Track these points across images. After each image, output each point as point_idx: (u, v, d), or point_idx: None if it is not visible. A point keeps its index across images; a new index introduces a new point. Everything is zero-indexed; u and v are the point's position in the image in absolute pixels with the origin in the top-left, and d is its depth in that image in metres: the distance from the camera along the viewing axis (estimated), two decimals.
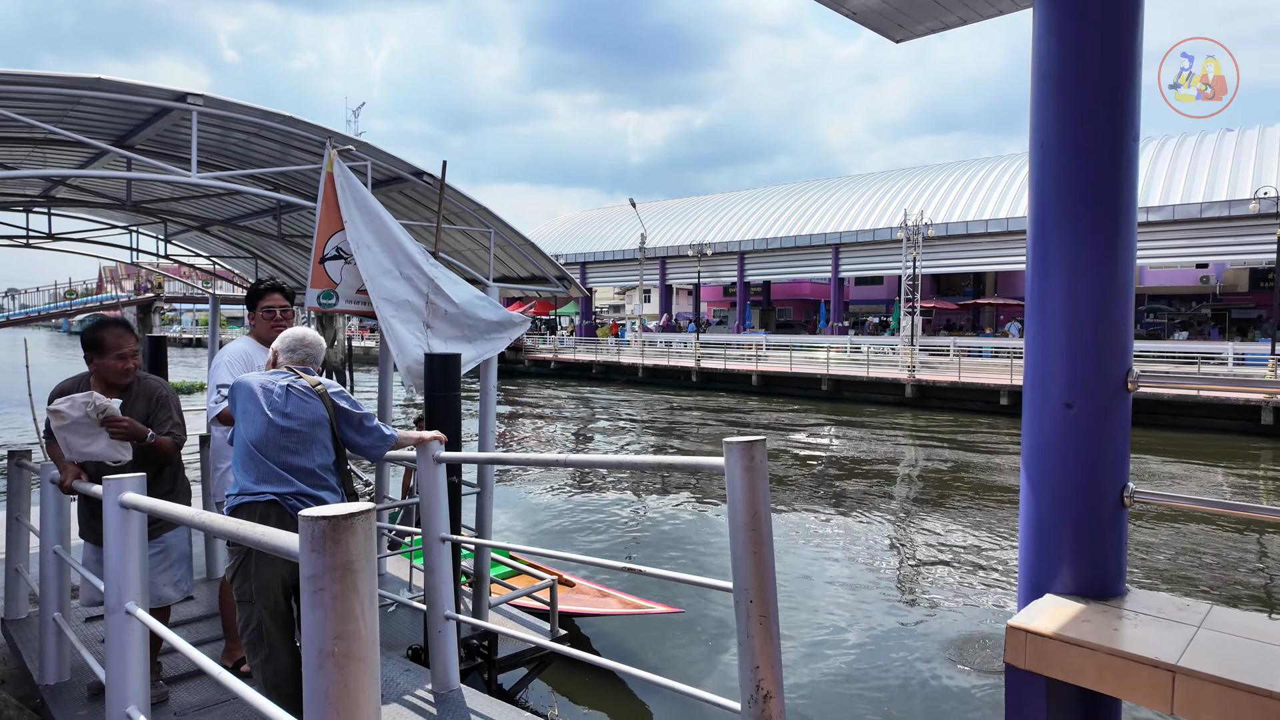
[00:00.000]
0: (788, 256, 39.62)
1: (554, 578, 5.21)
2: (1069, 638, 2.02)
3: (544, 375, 35.87)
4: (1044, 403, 2.38)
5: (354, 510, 1.30)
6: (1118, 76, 2.37)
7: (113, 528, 2.41)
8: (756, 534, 2.17)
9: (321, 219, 4.60)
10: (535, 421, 21.97)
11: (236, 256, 9.05)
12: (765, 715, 2.10)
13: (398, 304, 4.83)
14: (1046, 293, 2.41)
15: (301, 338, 3.08)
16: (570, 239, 50.40)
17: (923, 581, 8.31)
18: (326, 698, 1.26)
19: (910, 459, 15.76)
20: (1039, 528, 2.38)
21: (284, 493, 2.81)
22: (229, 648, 3.76)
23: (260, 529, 1.55)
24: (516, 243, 5.97)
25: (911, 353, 25.27)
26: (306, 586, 1.28)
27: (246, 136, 5.53)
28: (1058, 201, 2.40)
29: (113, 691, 2.40)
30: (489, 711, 2.99)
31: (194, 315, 72.55)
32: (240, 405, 2.91)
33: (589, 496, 12.07)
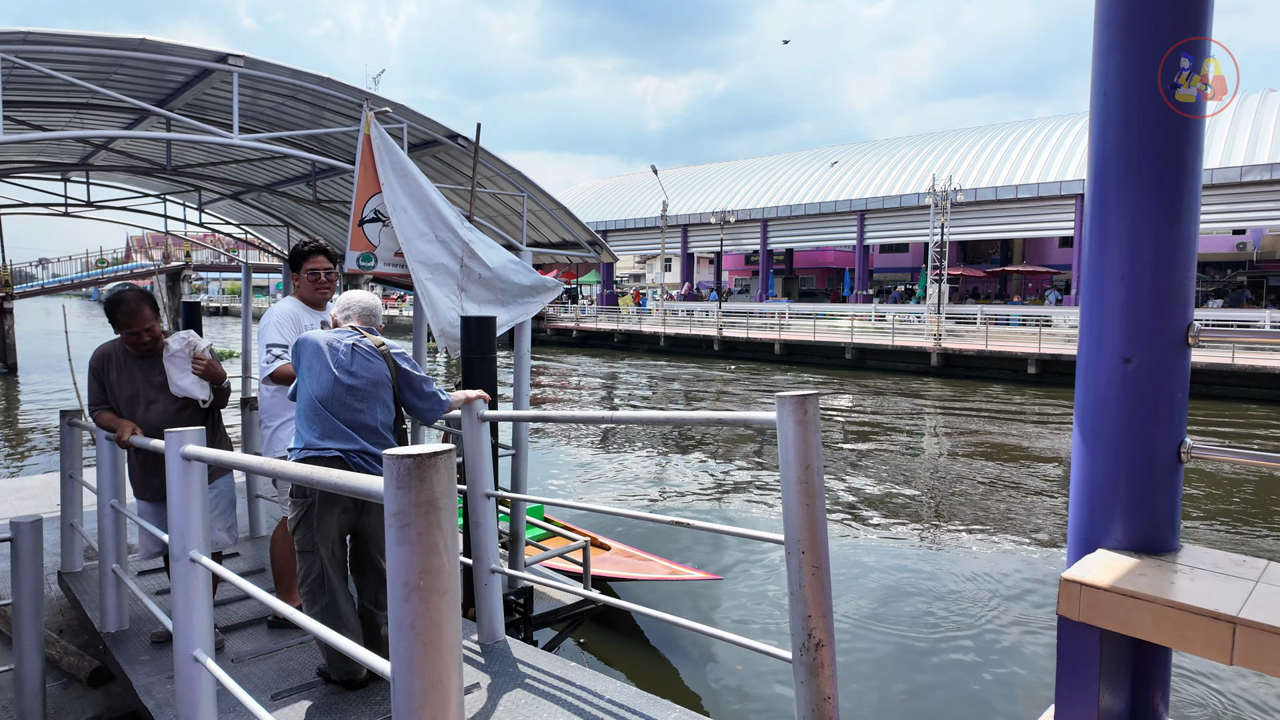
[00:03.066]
0: (811, 223, 39.13)
1: (586, 539, 5.29)
2: (1124, 590, 2.02)
3: (565, 344, 35.99)
4: (1100, 358, 2.36)
5: (437, 449, 1.33)
6: (1186, 24, 2.30)
7: (175, 479, 2.48)
8: (809, 487, 2.19)
9: (360, 182, 4.62)
10: (558, 390, 22.11)
11: (268, 225, 9.12)
12: (817, 663, 2.13)
13: (433, 267, 4.86)
14: (1105, 245, 2.37)
15: (361, 299, 3.16)
16: (590, 207, 50.11)
17: (958, 541, 8.33)
18: (413, 629, 1.30)
19: (936, 427, 15.68)
20: (1092, 483, 2.37)
21: (348, 449, 2.87)
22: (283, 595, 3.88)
23: (338, 472, 1.59)
24: (549, 207, 5.96)
25: (937, 321, 24.99)
26: (392, 523, 1.31)
27: (280, 100, 5.55)
28: (1119, 151, 2.34)
29: (180, 636, 2.49)
30: (536, 661, 3.07)
31: (220, 284, 73.48)
32: (305, 362, 2.95)
33: (619, 461, 12.18)
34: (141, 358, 3.53)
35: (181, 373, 3.49)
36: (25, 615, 3.16)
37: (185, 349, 3.49)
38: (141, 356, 3.53)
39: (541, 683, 2.87)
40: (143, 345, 3.48)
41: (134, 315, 3.44)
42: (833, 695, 2.14)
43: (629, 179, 53.55)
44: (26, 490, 7.59)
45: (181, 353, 3.49)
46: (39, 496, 7.26)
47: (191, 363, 3.48)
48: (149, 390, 3.50)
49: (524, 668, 3.00)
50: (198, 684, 2.43)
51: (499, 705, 2.72)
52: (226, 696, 2.59)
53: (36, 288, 33.56)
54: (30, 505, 6.95)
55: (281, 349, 3.49)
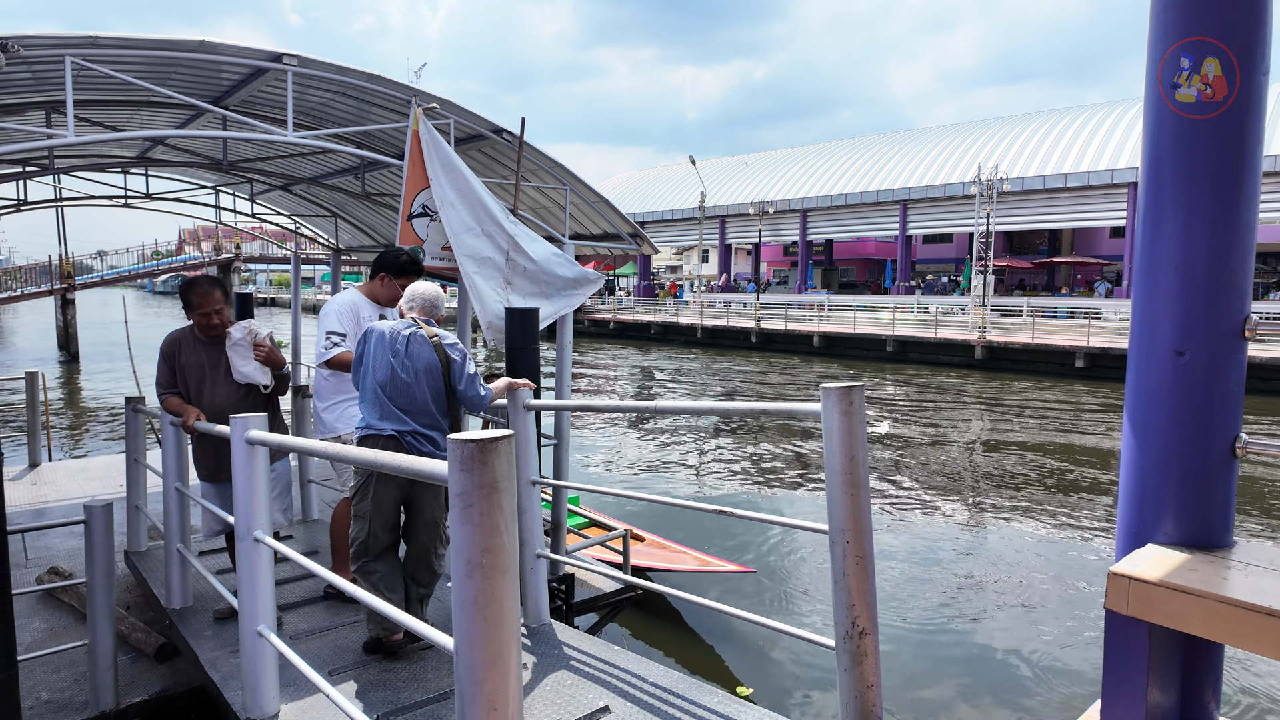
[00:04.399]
0: (852, 214, 38.58)
1: (625, 529, 5.36)
2: (1175, 584, 2.01)
3: (602, 335, 36.14)
4: (1152, 350, 2.32)
5: (498, 435, 1.39)
6: (1246, 5, 2.24)
7: (240, 462, 2.60)
8: (853, 477, 2.21)
9: (409, 177, 4.73)
10: (596, 380, 22.26)
11: (316, 215, 9.36)
12: (861, 651, 2.16)
13: (480, 260, 4.96)
14: (1159, 236, 2.33)
15: (424, 291, 3.41)
16: (627, 199, 50.11)
17: (1000, 534, 8.22)
18: (475, 604, 1.37)
19: (980, 420, 15.42)
20: (1143, 478, 2.35)
21: (402, 430, 3.14)
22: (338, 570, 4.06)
23: (402, 456, 1.67)
24: (590, 199, 6.02)
25: (982, 313, 24.50)
26: (456, 503, 1.38)
27: (328, 96, 5.69)
28: (1174, 141, 2.30)
29: (245, 612, 2.62)
30: (581, 644, 3.14)
31: (268, 276, 75.37)
32: (370, 350, 3.21)
33: (657, 451, 12.24)
34: (210, 343, 3.70)
35: (244, 360, 3.65)
36: (98, 593, 3.34)
37: (247, 337, 3.65)
38: (210, 342, 3.70)
39: (586, 664, 2.95)
40: (212, 328, 3.66)
41: (206, 297, 3.66)
42: (875, 683, 2.17)
43: (666, 170, 53.44)
44: (91, 471, 7.94)
45: (243, 341, 3.65)
46: (104, 477, 7.60)
47: (253, 350, 3.64)
48: (215, 375, 3.67)
49: (569, 649, 3.08)
50: (262, 658, 2.56)
51: (546, 685, 2.80)
52: (287, 670, 2.71)
53: (95, 279, 34.87)
54: (95, 486, 7.28)
55: (340, 337, 3.66)
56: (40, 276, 29.42)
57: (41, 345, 30.54)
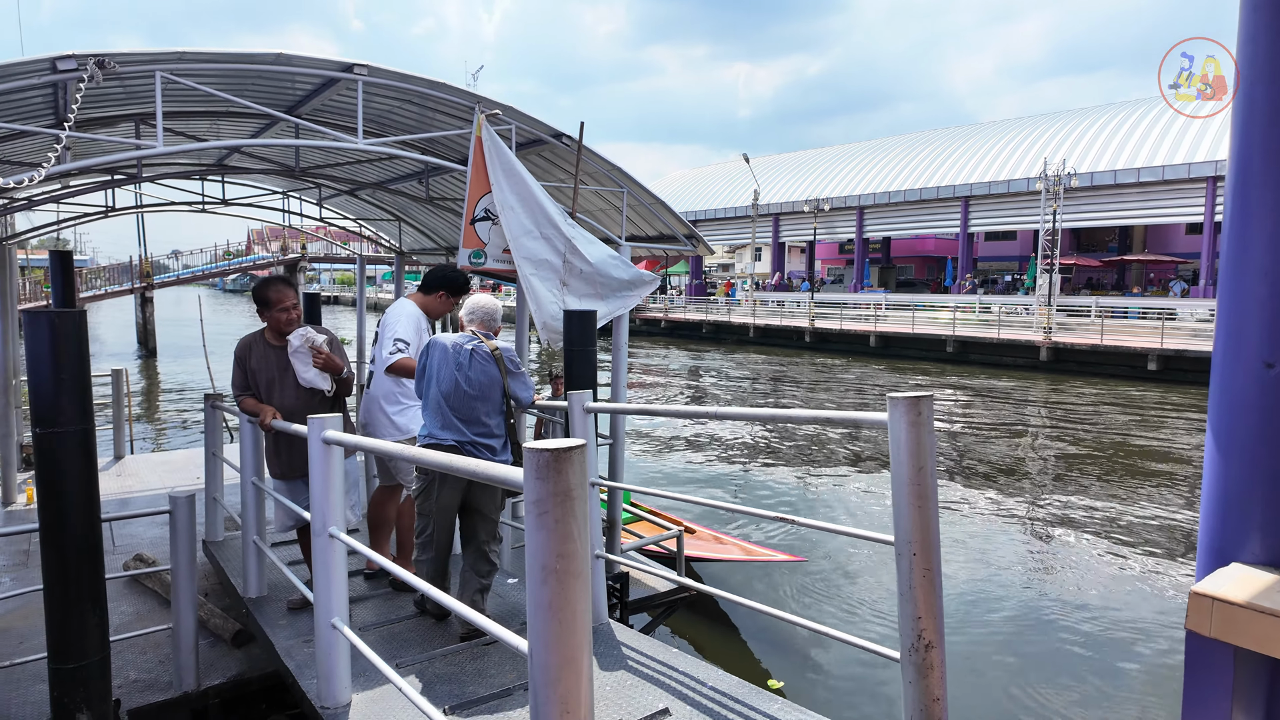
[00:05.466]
0: (911, 210, 37.73)
1: (680, 527, 5.38)
2: (1263, 607, 1.93)
3: (654, 334, 36.21)
4: (1238, 361, 2.23)
5: (571, 444, 1.43)
6: None
7: (317, 461, 2.72)
8: (921, 488, 2.19)
9: (472, 182, 4.84)
10: (649, 377, 22.32)
11: (381, 219, 9.63)
12: (927, 664, 2.14)
13: (537, 263, 5.04)
14: (1246, 241, 2.23)
15: (483, 304, 3.63)
16: (680, 197, 50.03)
17: (1068, 546, 7.96)
18: (550, 608, 1.41)
19: (1046, 426, 14.93)
20: (1226, 493, 2.26)
21: (461, 440, 3.36)
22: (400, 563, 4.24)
23: (479, 462, 1.73)
24: (647, 201, 6.05)
25: (1048, 313, 23.69)
26: (531, 510, 1.42)
27: (392, 104, 5.86)
28: (1265, 140, 2.20)
29: (320, 604, 2.73)
30: (639, 645, 3.18)
31: (331, 275, 77.79)
32: (434, 362, 3.42)
33: (713, 454, 12.23)
34: (279, 347, 3.87)
35: (305, 366, 3.80)
36: (182, 579, 3.52)
37: (305, 344, 3.79)
38: (279, 346, 3.86)
39: (645, 666, 2.98)
40: (291, 323, 3.85)
41: (283, 294, 3.86)
42: (941, 696, 2.14)
43: (718, 168, 53.17)
44: (172, 464, 8.36)
45: (302, 349, 3.79)
46: (183, 470, 7.99)
47: (312, 356, 3.78)
48: (284, 378, 3.84)
49: (627, 650, 3.12)
50: (335, 649, 2.67)
51: (607, 685, 2.84)
52: (358, 661, 2.82)
53: (171, 278, 36.56)
54: (175, 478, 7.66)
55: (405, 344, 3.88)
56: (121, 276, 31.02)
57: (123, 341, 32.20)
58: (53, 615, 2.72)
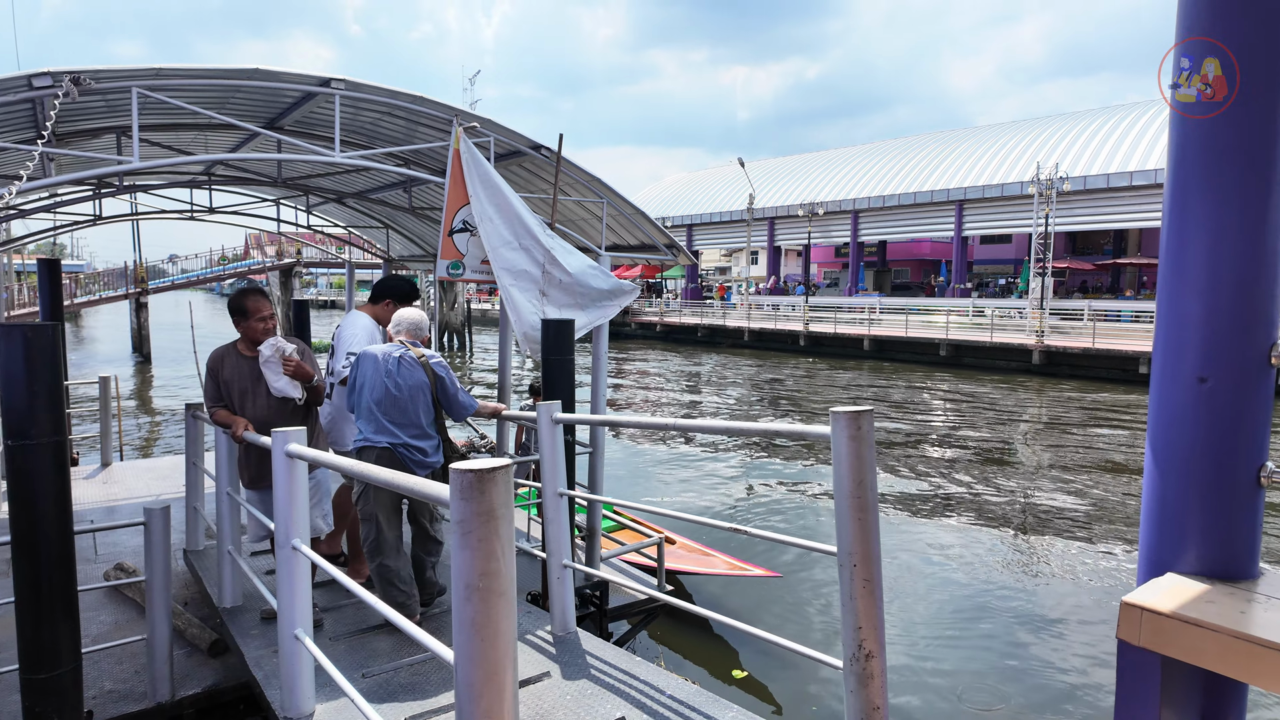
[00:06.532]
0: (906, 214, 37.84)
1: (661, 535, 5.42)
2: (1190, 617, 1.97)
3: (649, 338, 36.26)
4: (1175, 376, 2.28)
5: (496, 464, 1.47)
6: (1275, 24, 2.18)
7: (280, 474, 2.76)
8: (861, 501, 2.23)
9: (449, 194, 4.89)
10: (641, 381, 22.36)
11: (369, 226, 9.69)
12: (867, 673, 2.18)
13: (516, 273, 5.09)
14: (1183, 258, 2.29)
15: (409, 317, 3.88)
16: (677, 201, 50.17)
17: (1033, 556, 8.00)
18: (473, 625, 1.46)
19: (1032, 430, 14.98)
20: (1164, 506, 2.31)
21: (394, 442, 3.59)
22: (355, 567, 4.31)
23: (414, 479, 1.78)
24: (627, 212, 6.10)
25: (1040, 316, 23.76)
26: (456, 530, 1.47)
27: (377, 115, 5.91)
28: (1200, 159, 2.25)
29: (283, 615, 2.78)
30: (604, 654, 3.22)
31: (328, 279, 77.87)
32: (366, 372, 3.67)
33: (695, 459, 12.27)
34: (252, 358, 3.91)
35: (276, 375, 3.83)
36: (156, 590, 3.56)
37: (275, 354, 3.82)
38: (252, 357, 3.91)
39: (608, 675, 3.02)
40: (267, 332, 3.91)
41: (259, 304, 3.92)
42: (882, 705, 2.18)
43: (715, 172, 53.29)
44: (158, 471, 8.39)
45: (273, 358, 3.82)
46: (169, 477, 8.01)
47: (282, 365, 3.82)
48: (256, 388, 3.88)
49: (592, 659, 3.16)
50: (298, 660, 2.71)
51: (567, 694, 2.88)
52: (325, 670, 2.86)
53: (167, 283, 36.57)
54: (161, 486, 7.69)
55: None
56: (117, 281, 31.05)
57: (118, 346, 32.23)
58: (24, 626, 2.76)
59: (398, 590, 3.68)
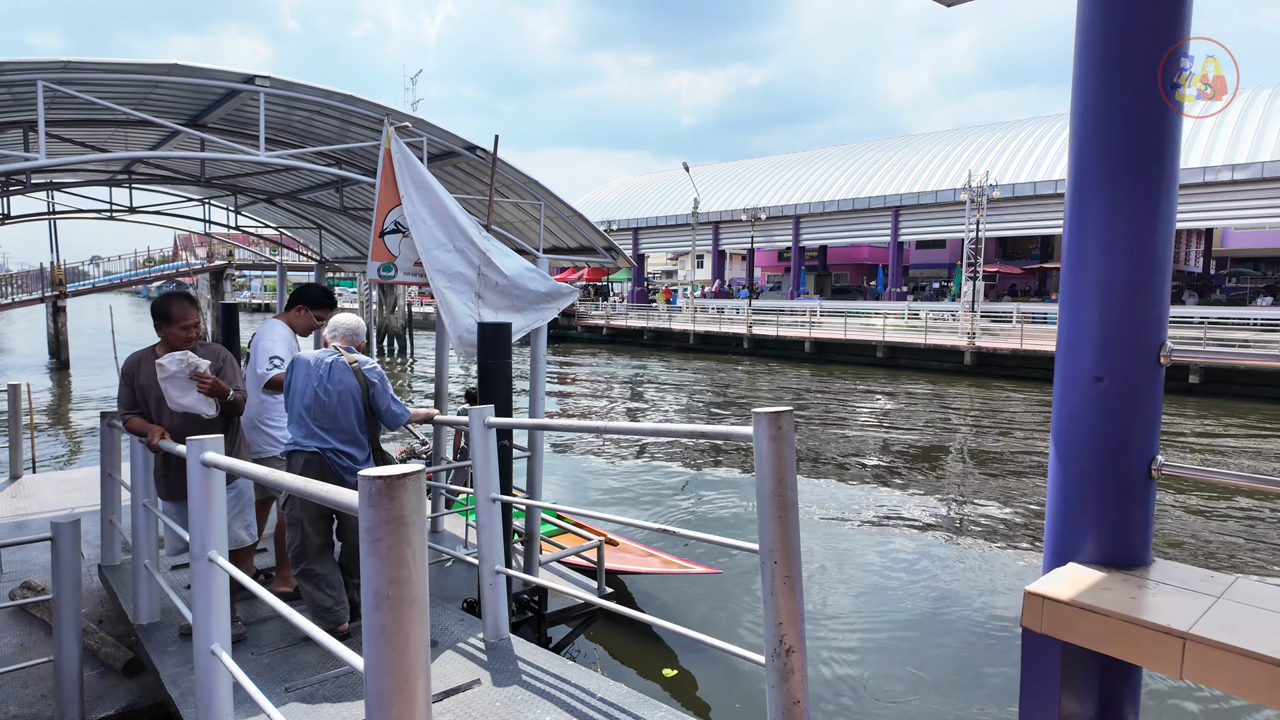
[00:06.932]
0: (845, 219, 38.75)
1: (601, 538, 5.42)
2: (1085, 604, 2.08)
3: (595, 341, 36.22)
4: (1074, 375, 2.40)
5: (406, 470, 1.46)
6: (1161, 45, 2.32)
7: (195, 484, 2.66)
8: (782, 499, 2.28)
9: (381, 195, 4.80)
10: (586, 386, 22.31)
11: (302, 227, 9.43)
12: (788, 668, 2.23)
13: (451, 276, 5.03)
14: (1081, 264, 2.41)
15: (345, 322, 3.84)
16: (623, 204, 50.29)
17: (953, 548, 8.28)
18: (383, 633, 1.44)
19: (961, 428, 15.51)
20: (1065, 499, 2.42)
21: (323, 447, 3.58)
22: (283, 575, 4.20)
23: (326, 486, 1.74)
24: (565, 214, 6.09)
25: (972, 319, 24.61)
26: (365, 538, 1.45)
27: (309, 114, 5.76)
28: (1096, 171, 2.38)
29: (198, 631, 2.68)
30: (536, 659, 3.20)
31: (262, 281, 75.41)
32: (298, 377, 3.63)
33: (638, 461, 12.31)
34: None
35: (182, 392, 3.52)
36: (64, 609, 3.39)
37: (183, 369, 3.50)
38: None
39: (539, 680, 3.01)
40: (190, 341, 3.70)
41: (186, 311, 3.70)
42: (802, 699, 2.23)
43: (662, 176, 53.61)
44: (73, 483, 7.98)
45: (180, 374, 3.51)
46: (85, 489, 7.63)
47: (196, 382, 3.52)
48: None
49: (524, 665, 3.14)
50: (214, 676, 2.62)
51: (496, 701, 2.86)
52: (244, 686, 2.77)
53: (88, 286, 34.83)
54: (77, 497, 7.32)
55: (280, 360, 4.05)
56: (32, 283, 29.43)
57: (33, 352, 30.53)
58: None
59: (324, 594, 3.60)
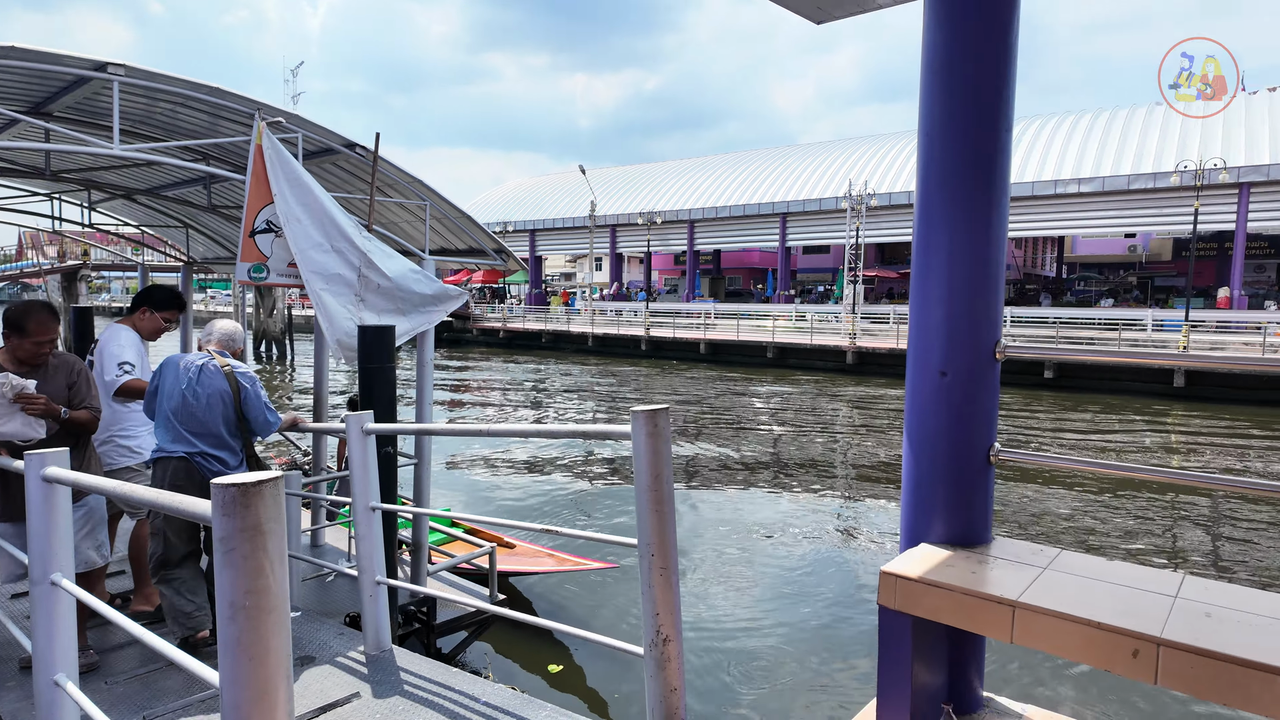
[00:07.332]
0: (737, 225, 39.93)
1: (493, 544, 5.37)
2: (931, 580, 2.27)
3: (492, 345, 35.67)
4: (923, 371, 2.61)
5: (263, 478, 1.42)
6: (995, 73, 2.55)
7: (35, 501, 2.46)
8: (658, 494, 2.36)
9: (251, 192, 4.58)
10: (482, 392, 21.94)
11: (167, 225, 8.80)
12: (665, 657, 2.30)
13: (329, 277, 4.85)
14: (928, 270, 2.62)
15: (221, 327, 3.78)
16: (519, 206, 49.77)
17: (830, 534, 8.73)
18: (239, 645, 1.39)
19: (841, 423, 16.32)
20: (917, 484, 2.63)
21: (191, 452, 3.47)
22: (145, 593, 3.95)
23: (177, 497, 1.66)
24: (453, 215, 6.00)
25: (853, 320, 25.91)
26: (218, 548, 1.40)
27: (173, 106, 5.40)
28: (939, 187, 2.59)
29: (39, 660, 2.48)
30: (419, 669, 3.15)
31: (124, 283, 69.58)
32: (164, 380, 3.51)
33: (535, 468, 12.24)
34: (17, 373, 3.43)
35: (3, 419, 3.18)
36: None
37: (6, 392, 3.17)
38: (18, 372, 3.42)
39: (422, 689, 2.96)
40: (41, 357, 3.39)
41: (46, 326, 3.38)
42: (679, 687, 2.32)
43: (559, 178, 53.41)
44: None
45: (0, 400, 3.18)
46: None
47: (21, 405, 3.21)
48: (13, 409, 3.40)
49: (406, 676, 3.09)
50: (58, 710, 2.43)
51: (375, 713, 2.79)
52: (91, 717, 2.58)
53: None
54: None
55: (131, 366, 3.86)
56: None
57: None
58: None
59: (184, 600, 3.44)
